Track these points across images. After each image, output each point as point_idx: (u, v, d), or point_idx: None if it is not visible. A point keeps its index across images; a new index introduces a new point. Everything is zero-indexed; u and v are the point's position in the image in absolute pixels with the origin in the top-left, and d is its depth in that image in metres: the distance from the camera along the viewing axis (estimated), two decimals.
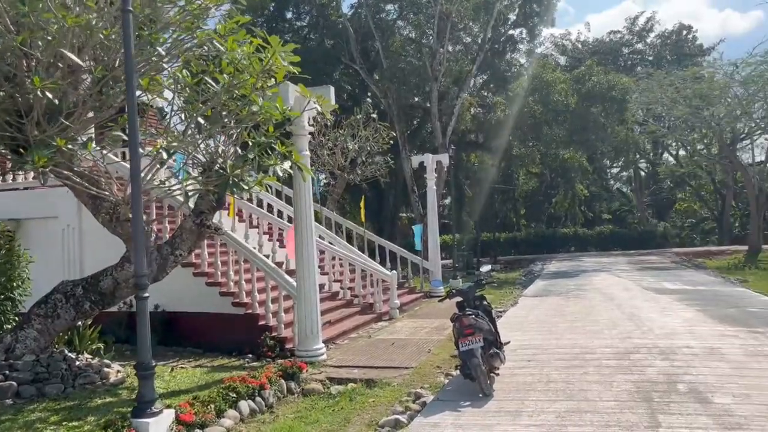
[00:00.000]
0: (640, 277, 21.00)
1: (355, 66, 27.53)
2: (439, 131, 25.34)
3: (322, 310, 12.68)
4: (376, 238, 18.93)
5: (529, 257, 36.52)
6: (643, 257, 32.28)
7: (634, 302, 14.02)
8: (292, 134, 9.70)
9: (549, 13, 33.27)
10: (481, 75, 37.12)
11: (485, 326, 6.80)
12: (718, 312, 11.92)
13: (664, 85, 32.18)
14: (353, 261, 14.33)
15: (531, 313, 13.31)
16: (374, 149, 19.35)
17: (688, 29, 46.70)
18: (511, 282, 23.43)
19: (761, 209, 31.37)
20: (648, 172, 53.40)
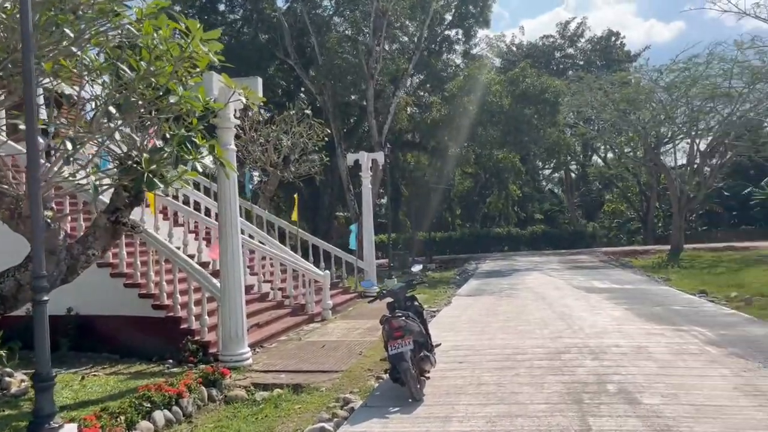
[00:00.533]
0: (571, 276, 21.39)
1: (290, 61, 26.96)
2: (375, 130, 25.11)
3: (251, 312, 12.21)
4: (309, 237, 18.51)
5: (463, 256, 36.79)
6: (574, 256, 33.04)
7: (565, 301, 14.17)
8: (216, 127, 9.21)
9: (484, 15, 33.62)
10: (417, 75, 37.20)
11: (416, 328, 6.56)
12: (644, 310, 12.15)
13: (594, 88, 33.07)
14: (284, 261, 13.88)
15: (464, 312, 13.23)
16: (308, 146, 18.91)
17: (617, 35, 48.38)
18: (445, 281, 23.46)
19: (683, 210, 32.66)
20: (578, 173, 54.96)
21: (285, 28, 26.91)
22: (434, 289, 20.13)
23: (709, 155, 33.41)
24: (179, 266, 10.09)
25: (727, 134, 30.84)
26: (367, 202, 18.95)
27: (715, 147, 32.79)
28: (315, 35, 26.36)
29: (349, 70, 25.57)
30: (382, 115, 26.28)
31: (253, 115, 18.69)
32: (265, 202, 19.76)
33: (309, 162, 19.40)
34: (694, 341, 8.78)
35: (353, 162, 19.15)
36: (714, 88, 29.80)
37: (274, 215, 19.43)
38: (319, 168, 19.54)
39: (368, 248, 18.81)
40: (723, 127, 30.47)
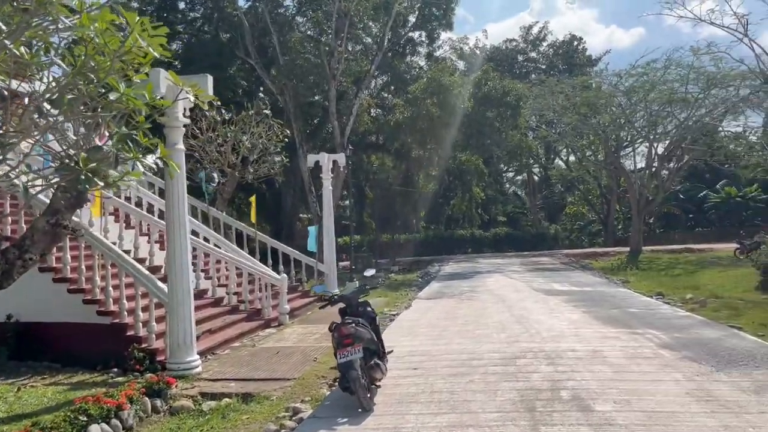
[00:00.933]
0: (532, 278, 21.47)
1: (251, 61, 26.52)
2: (338, 131, 24.84)
3: (203, 317, 11.85)
4: (268, 240, 18.15)
5: (427, 258, 36.75)
6: (536, 258, 33.28)
7: (525, 304, 14.14)
8: (164, 126, 8.87)
9: (447, 18, 33.70)
10: (381, 76, 37.12)
11: (366, 335, 6.35)
12: (602, 313, 12.17)
13: (556, 92, 33.42)
14: (240, 264, 13.53)
15: (423, 316, 13.08)
16: (268, 147, 18.56)
17: (578, 40, 49.10)
18: (407, 284, 23.34)
19: (642, 212, 33.21)
20: (541, 176, 55.55)
21: (245, 27, 26.46)
22: (396, 292, 19.97)
23: (666, 159, 34.06)
24: (126, 270, 9.69)
25: (683, 138, 31.46)
26: (328, 203, 18.68)
27: (673, 151, 33.43)
28: (276, 35, 25.96)
29: (311, 71, 25.27)
30: (345, 117, 26.03)
31: (211, 115, 18.28)
32: (223, 204, 19.33)
33: (269, 163, 19.02)
34: (649, 344, 8.77)
35: (314, 163, 18.86)
36: (671, 93, 30.38)
37: (234, 217, 19.03)
38: (279, 169, 19.18)
39: (329, 251, 18.54)
40: (680, 132, 31.07)
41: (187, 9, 33.55)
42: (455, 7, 33.94)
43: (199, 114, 18.21)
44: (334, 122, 24.84)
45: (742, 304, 13.47)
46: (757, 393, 6.18)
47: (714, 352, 8.08)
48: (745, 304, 13.41)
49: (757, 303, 13.40)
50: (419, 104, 27.85)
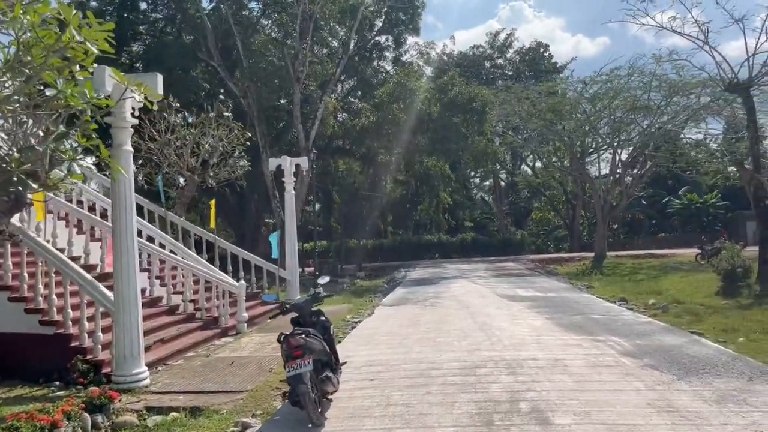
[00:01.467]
0: (497, 283, 21.39)
1: (213, 63, 25.98)
2: (302, 135, 24.45)
3: (156, 326, 11.39)
4: (228, 246, 17.69)
5: (394, 264, 36.59)
6: (501, 264, 33.32)
7: (488, 310, 13.98)
8: (112, 126, 8.45)
9: (414, 22, 33.64)
10: (348, 80, 36.84)
11: (317, 346, 6.04)
12: (565, 320, 12.06)
13: (522, 98, 33.59)
14: (196, 271, 13.07)
15: (385, 323, 12.81)
16: (228, 150, 18.10)
17: (545, 47, 49.58)
18: (373, 290, 23.07)
19: (606, 218, 33.54)
20: (507, 182, 55.90)
21: (208, 29, 25.92)
22: (360, 298, 19.68)
23: (630, 165, 34.49)
24: (70, 278, 9.21)
25: (646, 145, 31.86)
26: (291, 208, 18.30)
27: (636, 157, 33.86)
28: (240, 36, 25.48)
29: (275, 73, 24.85)
30: (310, 120, 25.66)
31: (169, 117, 17.77)
32: (182, 209, 18.80)
33: (230, 167, 18.56)
34: (611, 352, 8.64)
35: (276, 167, 18.48)
36: (635, 100, 30.76)
37: (198, 223, 18.51)
38: (240, 173, 18.73)
39: (291, 257, 18.16)
40: (643, 138, 31.46)
41: (149, 9, 32.78)
42: (422, 12, 33.95)
43: (157, 116, 17.70)
44: (298, 126, 24.45)
45: (703, 309, 13.52)
46: (718, 403, 6.05)
47: (675, 360, 7.97)
48: (705, 309, 13.45)
49: (718, 308, 13.46)
50: (385, 108, 27.63)
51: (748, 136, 18.18)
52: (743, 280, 16.37)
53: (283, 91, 26.62)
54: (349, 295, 21.16)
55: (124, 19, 30.89)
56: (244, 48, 25.60)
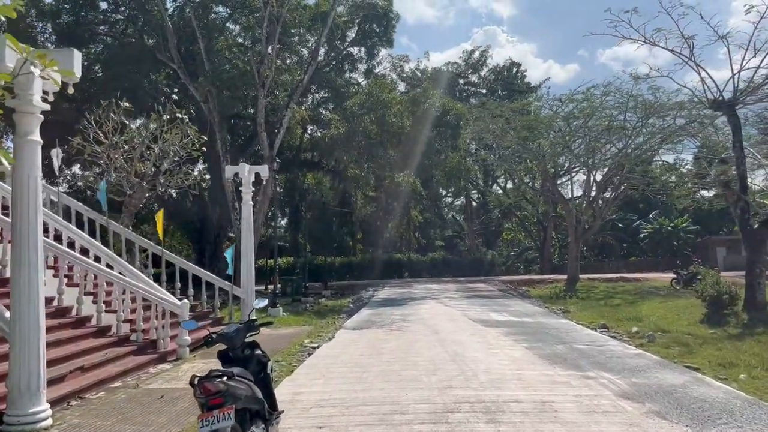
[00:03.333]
0: (468, 306, 20.13)
1: (173, 65, 24.49)
2: (266, 143, 23.01)
3: (79, 350, 9.81)
4: (177, 260, 16.13)
5: (362, 282, 35.23)
6: (472, 284, 32.18)
7: (460, 337, 12.65)
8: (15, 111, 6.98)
9: (387, 34, 32.67)
10: (319, 92, 35.64)
11: (244, 392, 4.63)
12: (546, 350, 10.80)
13: (496, 116, 32.74)
14: (131, 287, 11.51)
15: (345, 350, 11.38)
16: (180, 155, 16.59)
17: (518, 67, 49.09)
18: (337, 310, 21.64)
19: (579, 240, 32.68)
20: (479, 202, 55.09)
21: (169, 29, 24.49)
22: (322, 320, 18.24)
23: (604, 187, 33.79)
24: None
25: (621, 166, 31.19)
26: (248, 220, 16.82)
27: (610, 179, 33.16)
28: (202, 39, 24.06)
29: (240, 78, 23.44)
30: (276, 129, 24.27)
31: (117, 117, 16.25)
32: (129, 218, 17.17)
33: (183, 174, 17.05)
34: (606, 393, 7.37)
35: (233, 175, 17.03)
36: (611, 120, 30.10)
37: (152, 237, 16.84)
38: (194, 181, 17.20)
39: (247, 273, 16.63)
40: (618, 159, 30.77)
41: (109, 10, 31.17)
42: (396, 23, 32.99)
43: (102, 115, 16.16)
44: (262, 134, 23.01)
45: (691, 339, 12.44)
46: None
47: (682, 405, 6.74)
48: (694, 339, 12.37)
49: (707, 339, 12.38)
50: (356, 120, 26.41)
51: (733, 156, 17.32)
52: (729, 308, 15.40)
53: (248, 98, 25.21)
54: (312, 315, 19.69)
55: (82, 18, 29.28)
56: (207, 51, 24.19)
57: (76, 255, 11.58)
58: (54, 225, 13.13)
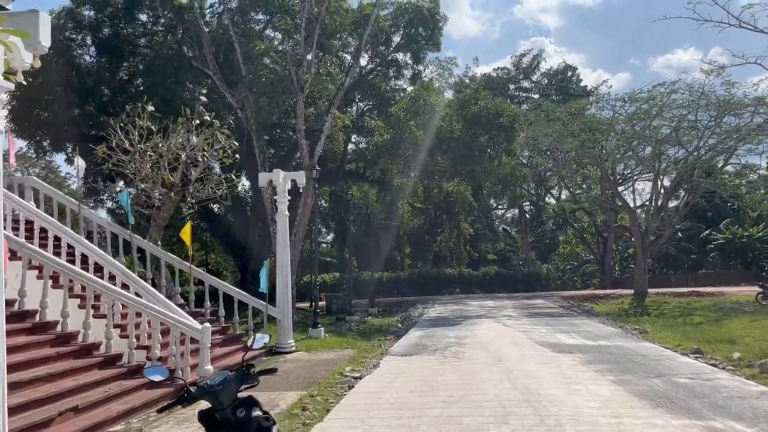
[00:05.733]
0: (530, 326, 18.00)
1: (209, 71, 23.35)
2: (306, 150, 21.50)
3: (79, 385, 8.29)
4: (206, 277, 14.66)
5: (411, 299, 33.41)
6: (529, 300, 29.95)
7: (529, 366, 10.64)
8: None
9: (434, 37, 30.92)
10: (363, 100, 34.21)
11: None
12: (640, 385, 8.71)
13: (551, 119, 30.60)
14: (144, 309, 9.98)
15: (392, 384, 9.53)
16: (211, 163, 15.18)
17: (572, 70, 46.64)
18: (384, 330, 19.86)
19: (646, 252, 30.06)
20: (532, 213, 52.61)
21: (204, 35, 23.42)
22: (368, 341, 16.48)
23: (672, 193, 31.12)
24: None
25: (692, 170, 28.56)
26: (283, 232, 15.23)
27: (680, 184, 30.48)
28: (239, 45, 22.87)
29: (277, 84, 22.08)
30: (317, 134, 22.81)
31: (144, 122, 14.97)
32: (158, 232, 15.83)
33: (213, 182, 15.62)
34: None
35: (267, 183, 15.51)
36: (680, 120, 27.62)
37: (191, 253, 15.36)
38: (225, 191, 15.74)
39: (283, 291, 15.00)
40: (688, 162, 28.17)
41: (151, 23, 30.55)
42: (443, 26, 31.22)
43: (127, 120, 14.91)
44: (301, 141, 21.51)
45: None
46: None
47: None
48: None
49: None
50: (401, 126, 24.71)
51: None
52: None
53: (286, 104, 23.83)
54: (356, 336, 17.96)
55: (120, 30, 28.64)
56: (244, 58, 22.96)
57: (81, 272, 10.13)
58: (68, 241, 11.79)
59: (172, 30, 29.20)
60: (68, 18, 27.41)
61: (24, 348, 8.69)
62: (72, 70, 26.39)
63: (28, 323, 9.34)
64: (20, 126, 27.11)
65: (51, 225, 11.79)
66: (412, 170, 27.12)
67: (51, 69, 26.06)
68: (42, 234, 12.00)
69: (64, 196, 14.97)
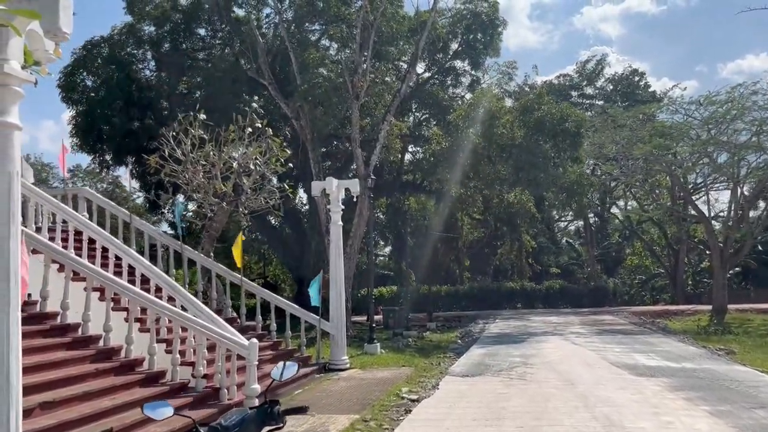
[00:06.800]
0: (602, 344, 16.66)
1: (264, 81, 23.14)
2: (361, 159, 20.89)
3: (117, 404, 7.76)
4: (258, 290, 14.16)
5: (471, 313, 32.26)
6: (597, 316, 28.32)
7: (607, 392, 9.51)
8: None
9: (494, 43, 29.92)
10: (420, 110, 33.52)
11: None
12: (744, 418, 7.49)
13: (618, 125, 29.03)
14: (188, 324, 9.44)
15: (452, 411, 8.60)
16: (263, 172, 14.69)
17: (640, 75, 44.57)
18: (444, 346, 18.90)
19: (726, 265, 27.93)
20: (596, 225, 50.52)
21: (260, 45, 23.26)
22: (427, 359, 15.58)
23: (754, 201, 28.93)
24: None
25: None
26: (337, 243, 14.58)
27: (762, 192, 28.28)
28: (294, 55, 22.59)
29: (333, 92, 21.62)
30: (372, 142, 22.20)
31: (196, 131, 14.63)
32: (210, 244, 15.46)
33: (266, 192, 15.12)
34: None
35: (320, 192, 14.91)
36: (761, 123, 25.59)
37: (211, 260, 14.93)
38: (278, 201, 15.21)
39: (336, 305, 14.30)
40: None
41: (209, 37, 30.84)
42: (502, 31, 30.20)
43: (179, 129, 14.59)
44: (356, 150, 20.91)
45: None
46: None
47: None
48: None
49: None
50: (460, 134, 23.79)
51: None
52: None
53: (341, 113, 23.32)
54: (413, 353, 17.08)
55: (179, 46, 28.94)
56: (299, 66, 22.64)
57: (124, 284, 9.68)
58: (115, 252, 11.44)
59: (229, 43, 29.31)
60: (129, 34, 27.87)
61: (62, 364, 8.25)
62: (132, 84, 26.74)
63: (68, 338, 8.93)
64: (84, 141, 27.67)
65: (99, 235, 11.47)
66: (472, 180, 26.10)
67: (112, 84, 26.58)
68: (91, 245, 11.72)
69: (117, 207, 14.77)
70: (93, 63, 26.96)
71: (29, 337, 8.52)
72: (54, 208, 11.62)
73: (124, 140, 26.41)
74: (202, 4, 27.62)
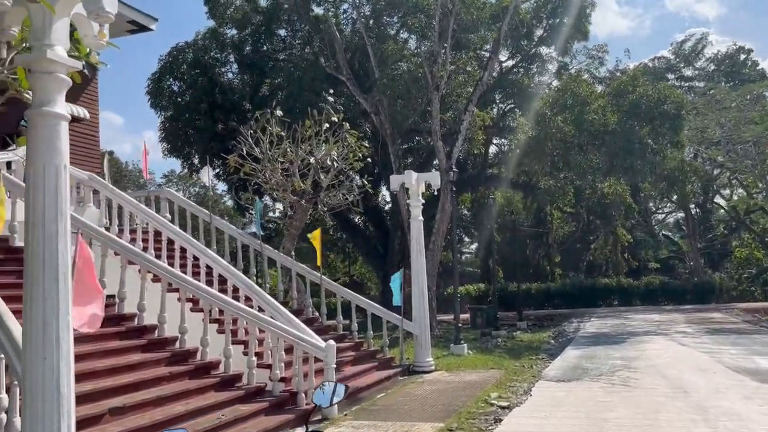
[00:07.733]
0: (715, 345, 15.10)
1: (342, 77, 22.87)
2: (443, 152, 20.15)
3: (191, 409, 7.44)
4: (338, 288, 13.74)
5: (564, 311, 30.79)
6: (704, 314, 26.17)
7: (728, 402, 8.32)
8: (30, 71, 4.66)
9: (582, 27, 28.35)
10: (504, 100, 32.36)
11: None
12: None
13: (724, 106, 26.76)
14: (263, 326, 9.06)
15: (547, 421, 7.73)
16: (340, 167, 14.24)
17: (747, 52, 41.06)
18: (535, 347, 17.84)
19: None
20: (698, 217, 47.18)
21: (337, 40, 22.98)
22: (517, 360, 14.65)
23: None
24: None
25: None
26: (417, 239, 13.92)
27: None
28: (372, 49, 22.17)
29: (412, 84, 21.00)
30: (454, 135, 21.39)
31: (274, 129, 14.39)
32: (291, 242, 15.18)
33: (345, 188, 14.69)
34: None
35: (399, 186, 14.31)
36: None
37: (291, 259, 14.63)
38: (357, 197, 14.74)
39: (419, 304, 13.64)
40: None
41: (290, 37, 31.02)
42: (591, 12, 28.56)
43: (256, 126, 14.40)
44: (437, 143, 20.19)
45: None
46: None
47: None
48: None
49: None
50: (548, 122, 22.52)
51: None
52: None
53: (422, 105, 22.64)
54: (503, 354, 16.15)
55: (260, 48, 29.22)
56: (378, 60, 22.19)
57: (200, 285, 9.45)
58: (193, 252, 11.32)
59: (308, 42, 29.36)
60: (212, 38, 28.45)
61: (137, 367, 8.06)
62: (215, 87, 27.24)
63: (144, 340, 8.78)
64: (173, 145, 28.50)
65: (177, 236, 11.39)
66: (561, 170, 24.71)
67: (197, 88, 27.19)
68: (170, 246, 11.68)
69: (198, 207, 14.78)
70: (179, 68, 27.68)
71: (105, 339, 8.44)
72: (134, 209, 11.66)
73: (210, 143, 26.94)
74: (282, 5, 27.71)
